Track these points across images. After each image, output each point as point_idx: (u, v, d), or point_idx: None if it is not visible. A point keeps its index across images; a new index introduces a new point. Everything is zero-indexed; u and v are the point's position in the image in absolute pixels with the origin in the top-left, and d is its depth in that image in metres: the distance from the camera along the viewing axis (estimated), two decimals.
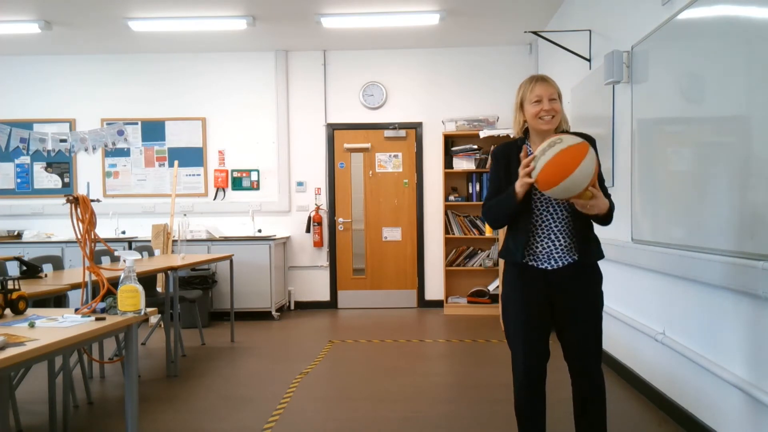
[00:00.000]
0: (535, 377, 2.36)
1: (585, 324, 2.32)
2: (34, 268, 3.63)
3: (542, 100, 2.28)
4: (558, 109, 2.29)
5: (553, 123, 2.29)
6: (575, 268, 2.31)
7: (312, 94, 7.02)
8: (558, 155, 2.07)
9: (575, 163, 2.05)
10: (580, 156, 2.07)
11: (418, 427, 3.26)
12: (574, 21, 5.13)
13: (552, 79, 2.34)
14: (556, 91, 2.31)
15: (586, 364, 2.34)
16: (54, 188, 7.06)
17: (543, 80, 2.32)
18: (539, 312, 2.34)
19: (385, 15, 5.78)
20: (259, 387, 4.03)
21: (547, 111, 2.27)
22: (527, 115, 2.33)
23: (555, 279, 2.31)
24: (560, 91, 2.35)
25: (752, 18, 2.44)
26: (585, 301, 2.33)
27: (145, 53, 6.98)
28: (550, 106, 2.27)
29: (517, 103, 2.38)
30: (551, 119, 2.28)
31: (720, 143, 2.73)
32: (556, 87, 2.33)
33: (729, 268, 2.56)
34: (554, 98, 2.29)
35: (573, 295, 2.32)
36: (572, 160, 2.06)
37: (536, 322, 2.34)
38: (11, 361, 1.79)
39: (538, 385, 2.37)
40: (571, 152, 2.07)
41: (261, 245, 6.44)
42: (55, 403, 3.12)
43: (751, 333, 2.48)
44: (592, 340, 2.33)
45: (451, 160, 6.69)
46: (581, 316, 2.32)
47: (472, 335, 5.52)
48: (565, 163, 2.06)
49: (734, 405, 2.64)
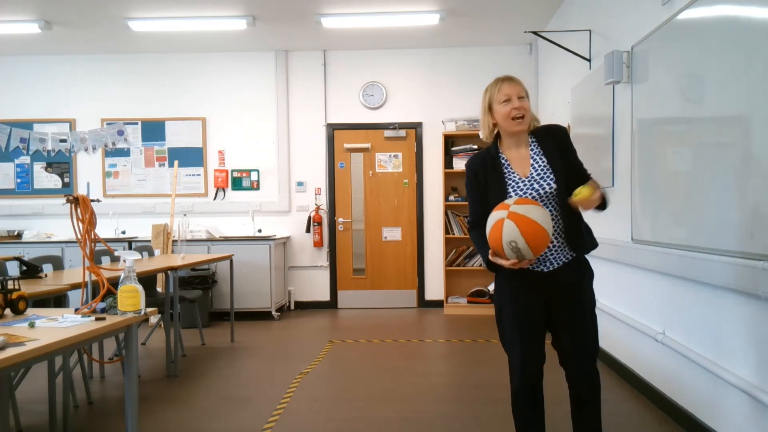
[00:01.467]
0: (532, 381, 2.33)
1: (580, 325, 2.29)
2: (34, 268, 3.62)
3: (511, 98, 2.24)
4: (527, 107, 2.26)
5: (524, 123, 2.26)
6: (569, 266, 2.28)
7: (312, 94, 7.02)
8: (530, 241, 2.05)
9: (541, 231, 2.06)
10: (540, 229, 2.06)
11: (418, 427, 3.26)
12: (574, 21, 5.13)
13: (518, 78, 2.32)
14: (523, 89, 2.29)
15: (582, 366, 2.31)
16: (54, 188, 7.06)
17: (509, 79, 2.29)
18: (535, 315, 2.30)
19: (385, 15, 5.78)
20: (259, 387, 4.03)
21: (517, 109, 2.23)
22: (498, 117, 2.29)
23: (551, 280, 2.28)
24: (527, 90, 2.31)
25: (752, 18, 2.44)
26: (580, 301, 2.30)
27: (145, 53, 6.98)
28: (519, 104, 2.24)
29: (485, 107, 2.33)
30: (522, 120, 2.24)
31: (720, 143, 2.72)
32: (524, 86, 2.30)
33: (729, 268, 2.56)
34: (522, 96, 2.26)
35: (569, 296, 2.29)
36: (539, 233, 2.05)
37: (532, 325, 2.30)
38: (11, 361, 1.79)
39: (535, 388, 2.34)
40: (534, 234, 2.05)
41: (261, 245, 6.44)
42: (55, 403, 3.12)
43: (751, 333, 2.48)
44: (588, 341, 2.31)
45: (451, 160, 6.69)
46: (577, 317, 2.29)
47: (472, 335, 5.52)
48: (537, 239, 2.06)
49: (734, 405, 2.63)
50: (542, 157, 2.28)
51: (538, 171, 2.27)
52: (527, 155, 2.30)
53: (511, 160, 2.32)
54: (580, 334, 2.29)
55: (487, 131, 2.36)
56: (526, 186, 2.26)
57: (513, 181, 2.29)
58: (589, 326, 2.30)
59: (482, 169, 2.35)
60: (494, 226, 2.12)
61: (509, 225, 2.07)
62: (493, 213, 2.15)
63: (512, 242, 2.07)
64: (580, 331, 2.29)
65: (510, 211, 2.09)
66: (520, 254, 2.09)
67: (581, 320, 2.29)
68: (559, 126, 2.37)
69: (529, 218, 2.06)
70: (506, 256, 2.12)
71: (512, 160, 2.32)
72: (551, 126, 2.34)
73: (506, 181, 2.29)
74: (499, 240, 2.10)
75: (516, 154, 2.32)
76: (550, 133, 2.32)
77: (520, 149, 2.32)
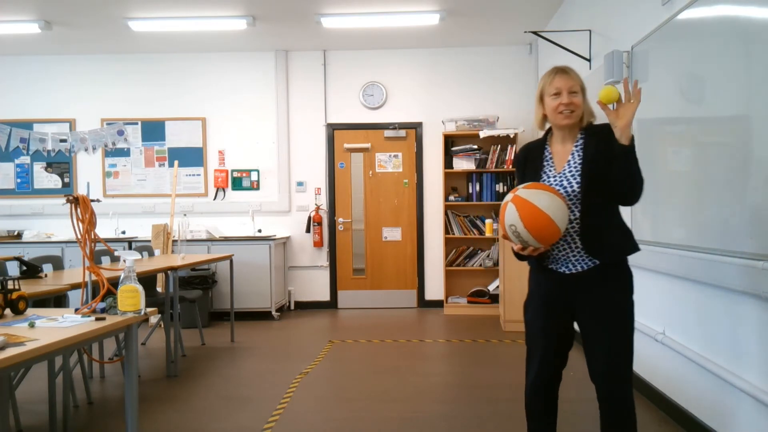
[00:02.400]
0: (545, 382, 2.26)
1: (601, 341, 2.12)
2: (34, 268, 3.62)
3: (561, 93, 2.16)
4: (578, 103, 2.17)
5: (572, 118, 2.17)
6: (596, 272, 2.14)
7: (312, 94, 7.02)
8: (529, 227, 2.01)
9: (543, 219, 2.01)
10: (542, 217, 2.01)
11: (418, 427, 3.25)
12: (574, 21, 5.13)
13: (574, 71, 2.22)
14: (577, 83, 2.18)
15: (608, 386, 2.14)
16: (54, 188, 7.06)
17: (563, 72, 2.20)
18: (555, 316, 2.22)
19: (385, 15, 5.78)
20: (259, 387, 4.03)
21: (566, 105, 2.15)
22: (547, 110, 2.22)
23: (573, 284, 2.17)
24: (584, 85, 2.21)
25: (752, 18, 2.44)
26: (606, 312, 2.13)
27: (145, 53, 6.98)
28: (569, 99, 2.16)
29: (537, 96, 2.26)
30: (570, 114, 2.16)
31: (720, 143, 2.72)
32: (578, 79, 2.20)
33: (729, 268, 2.55)
34: (575, 91, 2.17)
35: (593, 304, 2.15)
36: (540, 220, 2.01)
37: (551, 325, 2.23)
38: (11, 361, 1.79)
39: (548, 389, 2.28)
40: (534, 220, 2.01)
41: (261, 245, 6.44)
42: (55, 403, 3.12)
43: (751, 333, 2.48)
44: (615, 358, 2.11)
45: (451, 160, 6.69)
46: (598, 332, 2.14)
47: (472, 335, 5.52)
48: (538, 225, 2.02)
49: (734, 405, 2.63)
50: (580, 155, 2.19)
51: (569, 169, 2.19)
52: (569, 151, 2.23)
53: (554, 154, 2.26)
54: (600, 352, 2.13)
55: (537, 121, 2.30)
56: (555, 182, 2.20)
57: (547, 176, 2.24)
58: (613, 345, 2.12)
59: (526, 158, 2.32)
60: (501, 208, 2.12)
61: (511, 208, 2.06)
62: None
63: (512, 226, 2.05)
64: (601, 347, 2.13)
65: (515, 195, 2.09)
66: (521, 239, 2.05)
67: (602, 336, 2.13)
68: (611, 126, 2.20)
69: (532, 204, 2.02)
70: (509, 236, 2.10)
71: (555, 155, 2.26)
72: (601, 125, 2.20)
73: (541, 174, 2.25)
74: (503, 223, 2.10)
75: (561, 148, 2.25)
76: (599, 132, 2.20)
77: (565, 144, 2.25)
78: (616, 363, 2.13)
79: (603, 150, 2.14)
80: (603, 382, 2.16)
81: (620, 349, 2.14)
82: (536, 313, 2.27)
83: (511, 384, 3.99)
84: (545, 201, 2.03)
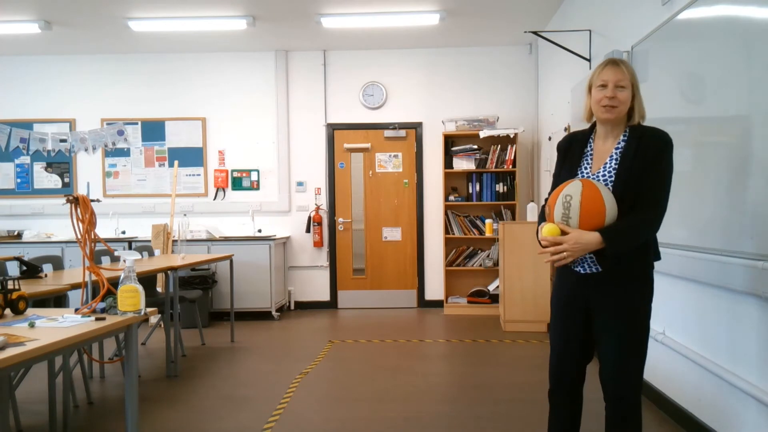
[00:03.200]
0: (562, 378, 2.28)
1: (615, 342, 2.11)
2: (34, 268, 3.62)
3: (607, 85, 2.08)
4: (623, 98, 2.07)
5: (613, 113, 2.09)
6: (612, 274, 2.11)
7: (312, 94, 7.02)
8: (584, 204, 2.00)
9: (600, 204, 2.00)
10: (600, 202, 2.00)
11: (418, 427, 3.25)
12: (574, 21, 5.13)
13: (628, 66, 2.11)
14: (626, 78, 2.08)
15: (615, 388, 2.14)
16: (54, 188, 7.06)
17: (614, 64, 2.10)
18: (575, 317, 2.21)
19: (385, 15, 5.78)
20: (259, 387, 4.03)
21: (609, 98, 2.07)
22: (592, 101, 2.15)
23: (590, 285, 2.15)
24: (636, 81, 2.11)
25: (752, 18, 2.44)
26: (618, 316, 2.12)
27: (145, 53, 6.98)
28: (613, 93, 2.07)
29: (587, 87, 2.19)
30: (612, 108, 2.08)
31: (720, 143, 2.73)
32: (629, 74, 2.09)
33: (729, 268, 2.56)
34: (622, 86, 2.07)
35: (607, 307, 2.13)
36: (597, 203, 2.00)
37: (569, 325, 2.23)
38: (11, 361, 1.79)
39: (567, 385, 2.28)
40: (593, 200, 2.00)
41: (261, 245, 6.44)
42: (55, 403, 3.13)
43: (752, 333, 2.48)
44: (623, 361, 2.11)
45: (451, 160, 6.69)
46: (613, 333, 2.12)
47: (472, 335, 5.52)
48: (592, 207, 2.00)
49: (735, 404, 2.63)
50: (619, 157, 2.11)
51: (606, 171, 2.13)
52: (609, 152, 2.15)
53: (595, 151, 2.20)
54: (610, 355, 2.13)
55: (584, 112, 2.23)
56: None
57: (582, 174, 2.19)
58: (622, 349, 2.11)
59: (567, 148, 2.28)
60: (563, 184, 2.10)
61: (576, 183, 2.05)
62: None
63: (568, 196, 2.03)
64: (611, 350, 2.13)
65: (585, 178, 2.10)
66: (567, 212, 2.03)
67: (612, 340, 2.12)
68: (659, 133, 2.10)
69: (598, 190, 2.02)
70: (554, 209, 2.07)
71: (596, 151, 2.19)
72: (650, 129, 2.11)
73: (577, 172, 2.20)
74: (559, 192, 2.07)
75: (602, 146, 2.19)
76: (643, 136, 2.09)
77: (607, 141, 2.17)
78: (624, 367, 2.12)
79: (642, 156, 2.07)
80: (610, 384, 2.16)
81: (629, 354, 2.12)
82: (556, 312, 2.30)
83: (511, 384, 3.99)
84: (609, 197, 2.03)
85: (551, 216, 2.11)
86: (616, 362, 2.12)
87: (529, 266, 5.59)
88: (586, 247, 2.02)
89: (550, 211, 2.11)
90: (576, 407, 2.32)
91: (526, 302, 5.58)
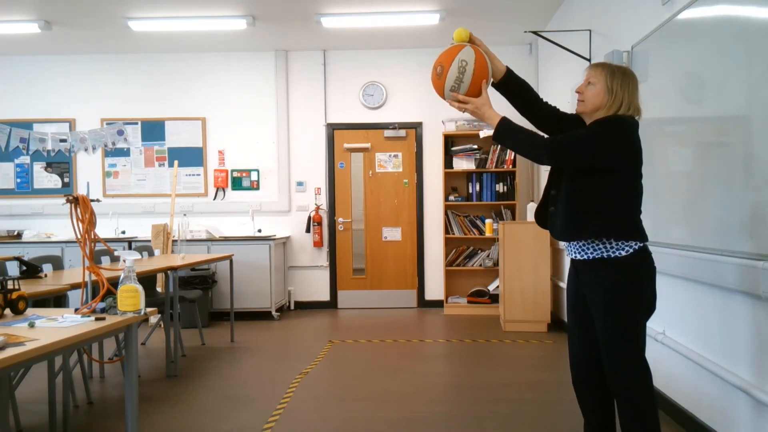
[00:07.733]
0: (577, 364, 2.37)
1: (600, 323, 2.22)
2: (34, 268, 3.62)
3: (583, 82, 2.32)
4: (589, 94, 2.26)
5: (580, 106, 2.31)
6: (586, 265, 2.25)
7: (312, 94, 7.02)
8: (477, 71, 2.24)
9: (487, 68, 2.29)
10: (487, 67, 2.27)
11: (418, 427, 3.25)
12: (574, 21, 5.13)
13: (607, 67, 2.28)
14: (599, 75, 2.25)
15: (608, 375, 2.22)
16: (54, 188, 7.06)
17: (594, 65, 2.34)
18: (577, 303, 2.35)
19: (385, 15, 5.78)
20: (259, 387, 4.03)
21: (578, 92, 2.31)
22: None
23: (582, 271, 2.30)
24: (609, 78, 2.23)
25: (752, 18, 2.44)
26: (596, 305, 2.23)
27: (145, 53, 6.98)
28: (581, 89, 2.30)
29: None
30: (580, 102, 2.30)
31: (720, 143, 2.73)
32: (602, 72, 2.25)
33: (729, 268, 2.55)
34: (591, 82, 2.27)
35: (590, 295, 2.26)
36: (485, 68, 2.27)
37: (577, 314, 2.36)
38: (11, 361, 1.79)
39: (583, 371, 2.35)
40: (483, 67, 2.27)
41: (261, 245, 6.44)
42: (55, 403, 3.12)
43: (751, 333, 2.48)
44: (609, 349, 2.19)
45: (451, 160, 6.69)
46: (596, 314, 2.23)
47: (472, 335, 5.52)
48: (483, 71, 2.27)
49: (734, 405, 2.63)
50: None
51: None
52: None
53: None
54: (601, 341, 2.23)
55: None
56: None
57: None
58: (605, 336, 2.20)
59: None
60: (455, 47, 2.27)
61: (469, 51, 2.25)
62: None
63: (463, 61, 2.21)
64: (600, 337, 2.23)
65: (476, 45, 2.33)
66: (461, 76, 2.22)
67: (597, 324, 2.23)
68: (612, 117, 2.24)
69: (486, 61, 2.30)
70: (448, 71, 2.23)
71: None
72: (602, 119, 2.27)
73: None
74: (454, 55, 2.23)
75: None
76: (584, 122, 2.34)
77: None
78: (610, 354, 2.20)
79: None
80: (606, 371, 2.24)
81: (614, 341, 2.19)
82: (567, 302, 2.44)
83: (511, 384, 3.99)
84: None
85: (444, 76, 2.24)
86: (605, 350, 2.21)
87: (529, 266, 5.59)
88: (485, 115, 2.30)
89: (443, 70, 2.25)
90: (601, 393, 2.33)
91: (526, 302, 5.58)
